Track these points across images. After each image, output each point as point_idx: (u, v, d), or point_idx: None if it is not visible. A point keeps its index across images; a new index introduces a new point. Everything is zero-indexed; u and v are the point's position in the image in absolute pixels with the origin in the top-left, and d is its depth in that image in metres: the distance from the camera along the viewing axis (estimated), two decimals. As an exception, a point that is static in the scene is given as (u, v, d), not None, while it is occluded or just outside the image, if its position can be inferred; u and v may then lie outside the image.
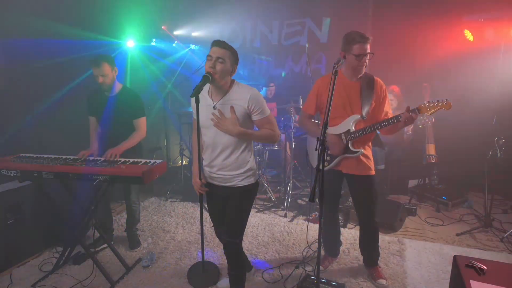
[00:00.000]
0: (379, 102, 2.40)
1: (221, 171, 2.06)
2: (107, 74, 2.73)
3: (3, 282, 2.60)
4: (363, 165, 2.44)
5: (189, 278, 2.64)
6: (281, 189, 4.45)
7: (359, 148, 2.40)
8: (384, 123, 2.29)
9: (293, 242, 3.25)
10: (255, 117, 2.00)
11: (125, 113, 2.85)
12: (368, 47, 2.25)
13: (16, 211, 2.80)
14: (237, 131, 1.93)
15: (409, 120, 2.20)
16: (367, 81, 2.39)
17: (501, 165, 3.46)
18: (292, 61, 5.43)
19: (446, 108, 2.18)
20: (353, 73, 2.37)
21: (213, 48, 1.91)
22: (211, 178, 2.13)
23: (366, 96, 2.36)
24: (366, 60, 2.28)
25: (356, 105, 2.38)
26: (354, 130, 2.38)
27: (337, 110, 2.42)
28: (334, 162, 2.48)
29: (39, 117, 3.57)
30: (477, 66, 4.18)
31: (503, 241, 3.19)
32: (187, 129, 4.81)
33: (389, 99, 2.47)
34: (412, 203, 4.11)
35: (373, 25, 4.70)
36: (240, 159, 2.04)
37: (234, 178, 2.05)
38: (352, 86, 2.39)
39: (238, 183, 2.06)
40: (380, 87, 2.40)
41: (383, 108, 2.41)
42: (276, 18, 5.35)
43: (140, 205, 3.32)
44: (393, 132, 2.42)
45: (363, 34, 2.24)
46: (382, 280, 2.55)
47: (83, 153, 2.72)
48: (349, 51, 2.28)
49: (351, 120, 2.39)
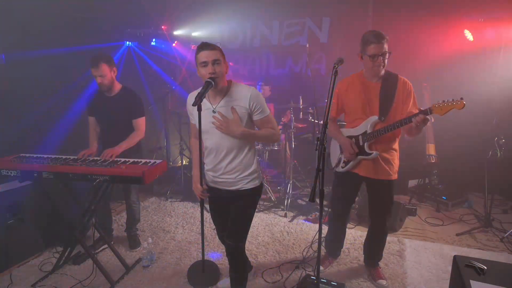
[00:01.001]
0: (402, 102, 2.31)
1: (226, 174, 2.02)
2: (106, 74, 2.72)
3: (3, 282, 2.60)
4: (381, 169, 2.37)
5: (189, 277, 2.64)
6: (281, 189, 4.45)
7: (375, 150, 2.34)
8: (397, 124, 2.22)
9: (293, 242, 3.25)
10: (256, 116, 1.97)
11: (124, 113, 2.85)
12: (385, 47, 2.19)
13: (16, 211, 2.80)
14: (240, 131, 1.90)
15: (420, 123, 2.10)
16: (389, 81, 2.32)
17: (501, 165, 3.46)
18: (292, 61, 5.43)
19: (458, 107, 2.04)
20: (371, 74, 2.32)
21: (204, 53, 1.84)
22: (214, 182, 2.09)
23: (386, 96, 2.30)
24: (382, 60, 2.21)
25: (374, 106, 2.34)
26: (370, 131, 2.34)
27: (357, 112, 2.39)
28: (351, 164, 2.45)
29: (39, 117, 3.57)
30: (477, 66, 4.18)
31: (503, 241, 3.19)
32: (187, 129, 4.80)
33: (415, 97, 2.36)
34: (412, 203, 4.11)
35: (373, 25, 4.69)
36: (245, 162, 2.01)
37: (239, 182, 2.02)
38: (372, 87, 2.34)
39: (243, 186, 2.03)
40: (404, 85, 2.32)
41: (406, 107, 2.30)
42: (276, 18, 5.34)
43: (140, 205, 3.33)
44: (415, 133, 2.28)
45: (379, 33, 2.18)
46: (382, 280, 2.55)
47: (83, 152, 2.72)
48: (364, 52, 2.25)
49: (369, 121, 2.34)
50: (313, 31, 5.17)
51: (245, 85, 2.01)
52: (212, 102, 1.96)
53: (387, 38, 2.20)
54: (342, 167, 2.51)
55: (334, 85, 1.84)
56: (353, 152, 2.39)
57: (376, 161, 2.37)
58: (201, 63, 1.86)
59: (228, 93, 1.95)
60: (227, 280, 2.44)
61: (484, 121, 3.74)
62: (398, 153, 2.45)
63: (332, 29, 5.06)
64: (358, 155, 2.41)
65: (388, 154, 2.39)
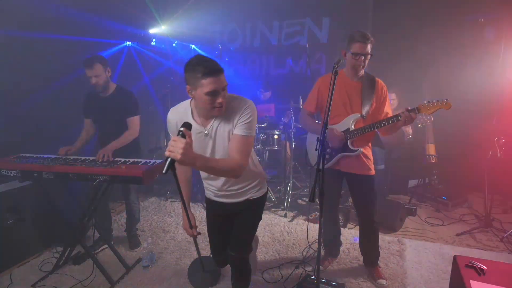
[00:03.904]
0: (380, 103, 2.41)
1: (235, 185, 1.81)
2: (100, 74, 2.72)
3: (3, 282, 2.60)
4: (362, 165, 2.44)
5: (189, 275, 2.64)
6: (281, 189, 4.45)
7: (358, 147, 2.40)
8: (384, 122, 2.30)
9: (293, 242, 3.25)
10: (236, 129, 1.62)
11: (119, 113, 2.85)
12: (368, 48, 2.25)
13: (16, 211, 2.80)
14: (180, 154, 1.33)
15: (408, 119, 2.20)
16: (368, 81, 2.40)
17: (501, 165, 3.46)
18: (292, 61, 5.43)
19: (446, 108, 2.18)
20: (353, 72, 2.38)
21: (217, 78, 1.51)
22: (218, 196, 1.88)
23: (366, 96, 2.37)
24: (363, 60, 2.28)
25: (356, 104, 2.39)
26: (353, 129, 2.39)
27: (337, 109, 2.42)
28: (333, 160, 2.49)
29: (39, 117, 3.57)
30: (477, 66, 4.18)
31: (503, 241, 3.19)
32: (187, 129, 4.81)
33: (389, 100, 2.48)
34: (412, 203, 4.11)
35: (373, 25, 4.70)
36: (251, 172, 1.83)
37: (249, 191, 1.86)
38: (353, 85, 2.40)
39: (253, 195, 1.87)
40: (381, 88, 2.42)
41: (383, 109, 2.42)
42: (276, 18, 5.34)
43: (140, 204, 3.32)
44: (391, 132, 2.42)
45: (365, 34, 2.24)
46: (382, 280, 2.55)
47: (64, 149, 2.73)
48: (348, 49, 2.31)
49: (351, 118, 2.40)
50: (313, 31, 5.17)
51: (243, 98, 1.69)
52: (203, 123, 1.68)
53: (372, 40, 2.26)
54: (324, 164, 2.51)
55: (334, 85, 1.85)
56: (341, 137, 2.40)
57: (357, 156, 2.43)
58: (211, 92, 1.51)
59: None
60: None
61: (484, 121, 3.74)
62: (371, 148, 2.54)
63: (332, 29, 5.06)
64: (341, 152, 2.44)
65: (366, 150, 2.46)
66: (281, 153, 4.43)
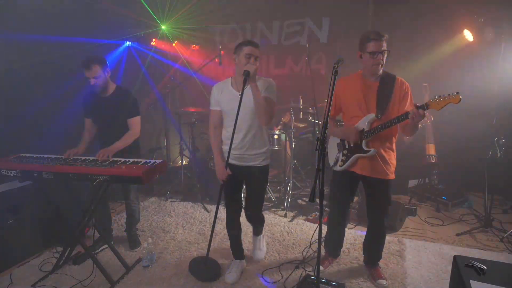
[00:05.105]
0: (399, 101, 2.33)
1: (249, 150, 2.41)
2: (99, 75, 2.71)
3: (3, 282, 2.60)
4: (378, 168, 2.37)
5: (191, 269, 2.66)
6: (281, 189, 4.45)
7: (373, 148, 2.35)
8: (394, 120, 2.22)
9: (293, 242, 3.25)
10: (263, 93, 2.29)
11: (119, 113, 2.84)
12: (384, 45, 2.22)
13: (16, 211, 2.80)
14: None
15: (416, 116, 2.10)
16: (386, 80, 2.35)
17: (501, 165, 3.46)
18: (292, 61, 5.43)
19: (455, 101, 2.05)
20: (370, 72, 2.34)
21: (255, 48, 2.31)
22: (233, 159, 2.42)
23: (383, 95, 2.32)
24: (381, 58, 2.24)
25: (372, 104, 2.35)
26: (368, 129, 2.35)
27: (353, 110, 2.41)
28: (348, 162, 2.45)
29: (39, 117, 3.57)
30: (477, 66, 4.18)
31: (503, 241, 3.19)
32: (187, 129, 4.81)
33: (412, 97, 2.37)
34: (412, 203, 4.11)
35: (372, 25, 4.70)
36: (263, 139, 2.45)
37: (257, 158, 2.44)
38: (369, 85, 2.36)
39: (260, 163, 2.45)
40: (401, 85, 2.34)
41: (404, 106, 2.31)
42: (276, 18, 5.34)
43: (140, 204, 3.32)
44: (411, 131, 2.31)
45: (378, 31, 2.22)
46: (382, 280, 2.55)
47: (69, 152, 2.72)
48: (364, 50, 2.27)
49: (366, 119, 2.36)
50: (313, 31, 5.17)
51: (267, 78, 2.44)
52: (238, 89, 2.36)
53: (386, 37, 2.24)
54: (340, 165, 2.51)
55: (334, 85, 1.84)
56: (357, 132, 2.36)
57: (374, 159, 2.37)
58: (246, 56, 2.29)
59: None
60: (233, 275, 2.60)
61: (484, 121, 3.73)
62: (395, 153, 2.46)
63: (332, 29, 5.06)
64: (356, 153, 2.41)
65: (385, 152, 2.39)
66: (281, 153, 4.44)
